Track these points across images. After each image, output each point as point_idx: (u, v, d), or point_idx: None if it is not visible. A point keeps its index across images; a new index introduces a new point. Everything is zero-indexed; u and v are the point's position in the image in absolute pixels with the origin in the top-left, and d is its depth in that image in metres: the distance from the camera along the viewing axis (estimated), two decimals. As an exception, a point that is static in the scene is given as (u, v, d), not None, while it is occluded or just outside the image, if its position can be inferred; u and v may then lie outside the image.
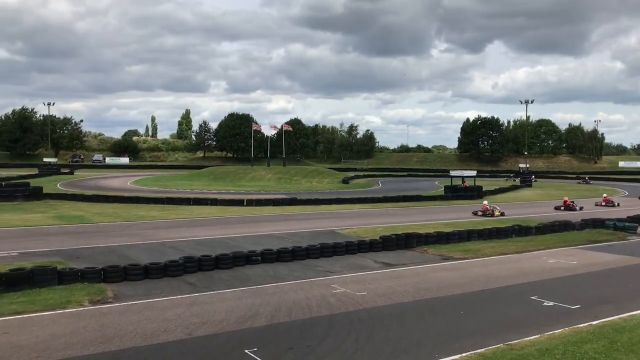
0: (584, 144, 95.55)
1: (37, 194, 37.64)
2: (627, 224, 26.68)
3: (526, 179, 62.23)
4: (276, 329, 11.35)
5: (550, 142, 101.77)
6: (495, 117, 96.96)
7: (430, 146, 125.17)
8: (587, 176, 70.33)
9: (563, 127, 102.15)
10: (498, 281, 16.06)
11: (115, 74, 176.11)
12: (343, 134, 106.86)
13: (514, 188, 55.78)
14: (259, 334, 10.95)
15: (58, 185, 50.03)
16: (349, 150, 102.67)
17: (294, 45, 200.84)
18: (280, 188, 52.66)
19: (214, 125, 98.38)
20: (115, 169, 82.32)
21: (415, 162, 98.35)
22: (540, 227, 25.74)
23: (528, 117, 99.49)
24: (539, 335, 10.81)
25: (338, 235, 23.33)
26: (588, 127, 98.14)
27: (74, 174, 67.43)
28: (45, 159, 79.29)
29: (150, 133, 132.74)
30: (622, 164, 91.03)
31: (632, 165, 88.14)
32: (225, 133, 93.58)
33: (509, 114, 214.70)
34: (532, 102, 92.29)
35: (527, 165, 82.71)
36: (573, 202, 36.62)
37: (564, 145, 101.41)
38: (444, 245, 21.52)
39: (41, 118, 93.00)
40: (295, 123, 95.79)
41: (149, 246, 20.36)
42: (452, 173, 50.09)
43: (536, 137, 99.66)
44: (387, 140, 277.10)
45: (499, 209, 32.48)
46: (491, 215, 31.42)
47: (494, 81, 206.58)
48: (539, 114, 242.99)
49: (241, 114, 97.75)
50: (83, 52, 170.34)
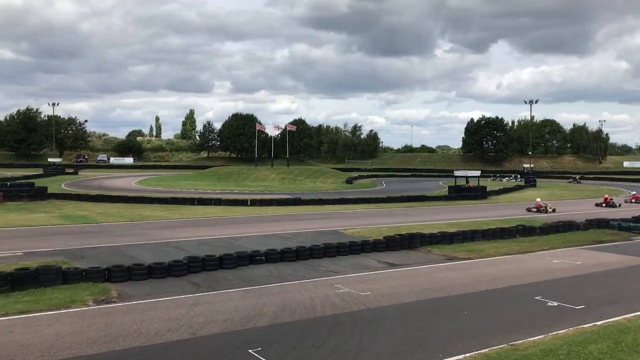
0: (588, 144, 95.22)
1: (42, 194, 37.73)
2: (632, 224, 26.57)
3: (530, 178, 62.19)
4: (280, 328, 11.35)
5: (554, 142, 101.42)
6: (500, 117, 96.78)
7: (434, 146, 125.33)
8: (578, 176, 71.35)
9: (568, 127, 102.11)
10: (502, 281, 16.02)
11: (119, 74, 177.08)
12: (347, 134, 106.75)
13: (518, 188, 55.60)
14: (262, 334, 10.95)
15: (62, 185, 50.14)
16: (352, 150, 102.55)
17: (298, 45, 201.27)
18: (284, 188, 52.69)
19: (218, 126, 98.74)
20: (119, 169, 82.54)
21: (419, 162, 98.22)
22: (545, 227, 25.67)
23: (532, 117, 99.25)
24: (543, 336, 10.78)
25: (342, 235, 23.31)
26: (593, 127, 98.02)
27: (79, 174, 67.58)
28: (50, 159, 79.56)
29: (155, 133, 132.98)
30: (626, 164, 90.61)
31: (637, 166, 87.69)
32: (229, 133, 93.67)
33: (514, 114, 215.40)
34: (536, 102, 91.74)
35: (532, 166, 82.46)
36: (612, 200, 38.57)
37: (568, 145, 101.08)
38: (447, 246, 21.47)
39: (46, 118, 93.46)
40: (299, 123, 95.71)
41: (153, 246, 20.40)
42: (456, 173, 50.44)
43: (540, 137, 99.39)
44: (391, 140, 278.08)
45: (551, 205, 34.50)
46: (545, 212, 33.35)
47: (498, 81, 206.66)
48: (543, 114, 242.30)
49: (245, 114, 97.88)
50: (87, 52, 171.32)
